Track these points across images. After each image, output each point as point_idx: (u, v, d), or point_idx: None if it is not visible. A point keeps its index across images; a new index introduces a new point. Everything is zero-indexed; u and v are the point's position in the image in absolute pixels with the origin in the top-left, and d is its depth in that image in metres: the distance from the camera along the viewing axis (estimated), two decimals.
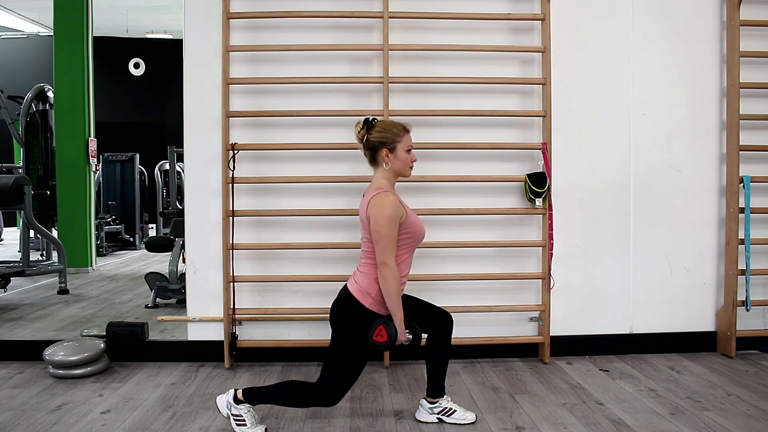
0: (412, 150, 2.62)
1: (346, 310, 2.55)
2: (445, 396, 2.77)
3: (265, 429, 2.64)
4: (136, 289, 5.94)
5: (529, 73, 3.71)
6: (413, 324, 2.58)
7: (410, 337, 2.55)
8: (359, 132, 2.60)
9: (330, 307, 2.62)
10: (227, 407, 2.61)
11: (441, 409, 2.75)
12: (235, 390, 2.61)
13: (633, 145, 3.77)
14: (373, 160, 2.61)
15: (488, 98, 3.67)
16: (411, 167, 2.63)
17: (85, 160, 7.04)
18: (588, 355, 3.77)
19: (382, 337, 2.45)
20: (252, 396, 2.60)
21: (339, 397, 2.55)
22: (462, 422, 2.73)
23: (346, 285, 2.61)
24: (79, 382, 3.30)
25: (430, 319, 2.70)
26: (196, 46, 3.63)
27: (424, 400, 2.79)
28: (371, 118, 2.62)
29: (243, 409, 2.59)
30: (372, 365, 3.57)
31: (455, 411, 2.75)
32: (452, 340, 2.75)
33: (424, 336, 2.68)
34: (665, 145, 3.79)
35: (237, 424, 2.59)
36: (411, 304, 2.68)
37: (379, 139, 2.56)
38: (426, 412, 2.77)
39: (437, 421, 2.75)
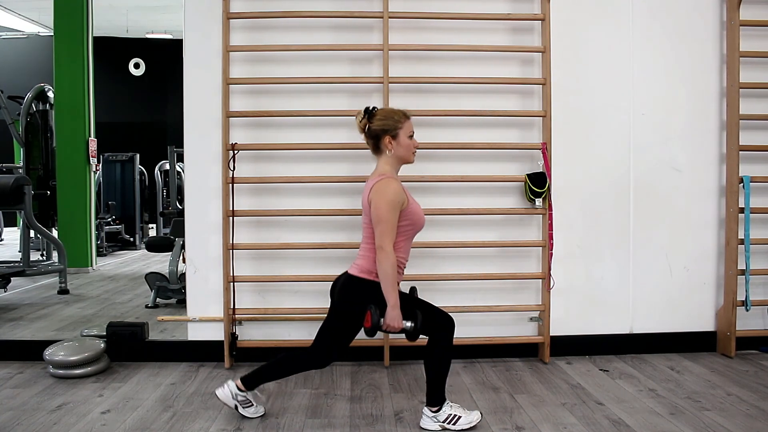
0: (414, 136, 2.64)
1: (348, 288, 2.61)
2: (446, 402, 2.67)
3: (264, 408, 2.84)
4: (136, 289, 5.94)
5: (529, 73, 3.71)
6: (416, 312, 2.55)
7: (410, 324, 2.52)
8: (360, 121, 2.61)
9: (330, 287, 2.69)
10: (233, 397, 2.71)
11: (445, 417, 2.65)
12: (234, 381, 2.73)
13: (633, 145, 3.77)
14: (376, 148, 2.62)
15: (488, 98, 3.67)
16: (414, 153, 2.65)
17: (85, 160, 7.03)
18: (588, 355, 3.77)
19: (367, 323, 2.51)
20: (251, 381, 2.71)
21: (330, 359, 2.66)
22: (468, 426, 2.65)
23: (346, 272, 2.65)
24: (80, 382, 3.30)
25: (431, 322, 2.62)
26: (196, 46, 3.63)
27: (426, 409, 2.68)
28: (371, 107, 2.63)
29: (249, 395, 2.74)
30: (372, 365, 3.57)
31: (460, 417, 2.66)
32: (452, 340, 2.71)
33: (425, 338, 2.65)
34: (665, 145, 3.79)
35: (244, 407, 2.72)
36: (415, 303, 2.67)
37: (382, 127, 2.57)
38: (430, 421, 2.67)
39: (441, 429, 2.66)
